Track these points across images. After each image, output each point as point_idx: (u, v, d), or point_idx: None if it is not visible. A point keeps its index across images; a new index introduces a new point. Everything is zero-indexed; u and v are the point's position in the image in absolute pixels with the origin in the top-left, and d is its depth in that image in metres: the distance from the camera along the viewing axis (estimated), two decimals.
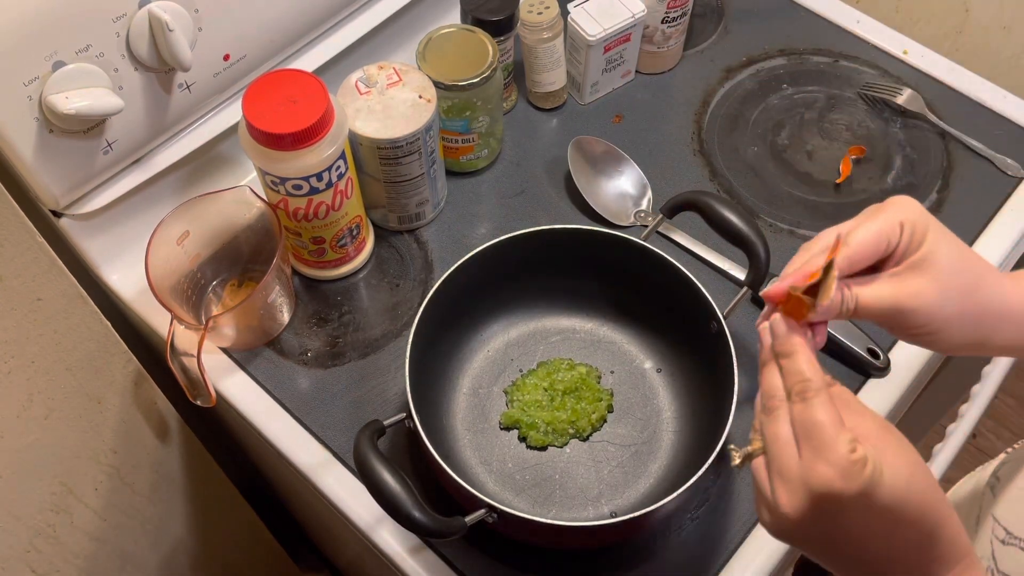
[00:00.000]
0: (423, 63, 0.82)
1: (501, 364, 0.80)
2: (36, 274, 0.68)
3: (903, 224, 0.48)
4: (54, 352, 0.74)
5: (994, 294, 0.50)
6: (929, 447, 0.84)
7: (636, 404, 0.78)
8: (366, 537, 0.74)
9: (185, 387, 0.75)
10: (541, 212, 0.90)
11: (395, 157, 0.79)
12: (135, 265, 0.78)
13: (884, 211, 0.49)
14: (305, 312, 0.84)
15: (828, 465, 0.42)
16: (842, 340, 0.79)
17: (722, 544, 0.72)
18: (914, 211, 0.49)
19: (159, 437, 0.93)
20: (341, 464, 0.76)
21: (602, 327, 0.82)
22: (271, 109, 0.70)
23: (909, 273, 0.48)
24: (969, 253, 0.50)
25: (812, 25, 1.03)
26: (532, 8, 0.89)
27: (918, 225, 0.48)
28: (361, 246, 0.85)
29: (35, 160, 0.69)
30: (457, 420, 0.78)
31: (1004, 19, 1.03)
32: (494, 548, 0.72)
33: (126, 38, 0.68)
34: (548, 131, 0.96)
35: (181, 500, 1.02)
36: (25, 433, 0.75)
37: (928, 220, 0.49)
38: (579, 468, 0.75)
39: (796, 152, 0.94)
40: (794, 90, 0.98)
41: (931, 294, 0.48)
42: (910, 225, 0.48)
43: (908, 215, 0.48)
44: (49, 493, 0.81)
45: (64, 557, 0.87)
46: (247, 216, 0.79)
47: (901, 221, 0.48)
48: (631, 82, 0.99)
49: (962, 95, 0.97)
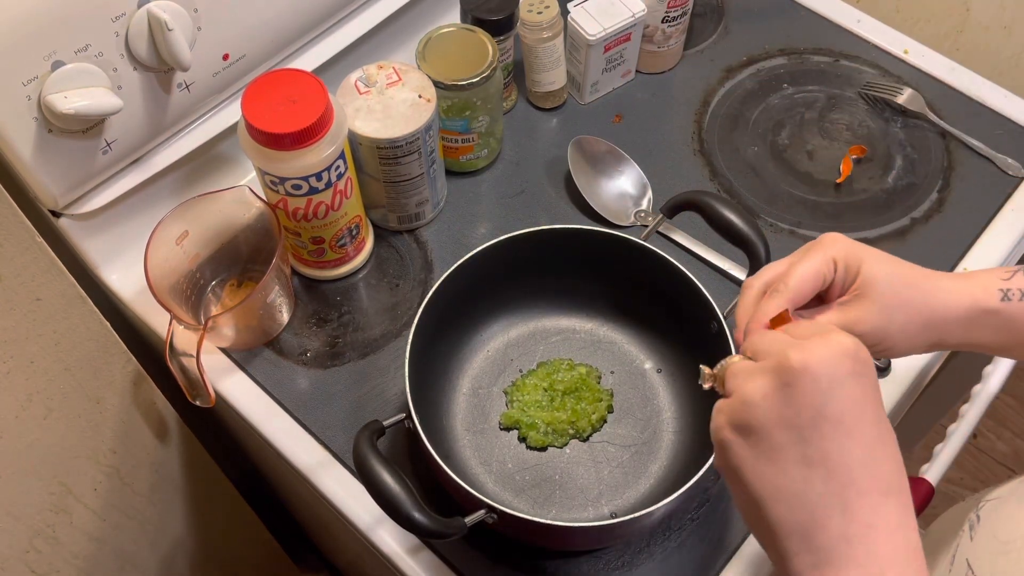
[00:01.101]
0: (423, 63, 0.82)
1: (501, 364, 0.80)
2: (35, 274, 0.68)
3: (835, 261, 0.53)
4: (53, 352, 0.74)
5: (936, 301, 0.54)
6: (929, 447, 0.84)
7: (636, 404, 0.78)
8: (365, 537, 0.74)
9: (184, 387, 0.75)
10: (541, 212, 0.90)
11: (395, 157, 0.79)
12: (134, 265, 0.78)
13: (818, 251, 0.53)
14: (304, 312, 0.84)
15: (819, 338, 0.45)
16: None
17: (722, 544, 0.72)
18: (844, 247, 0.53)
19: (158, 437, 0.93)
20: (341, 464, 0.76)
21: (602, 327, 0.82)
22: (270, 109, 0.69)
23: (854, 302, 0.53)
24: (906, 269, 0.54)
25: (812, 25, 1.03)
26: (532, 8, 0.89)
27: (850, 259, 0.53)
28: (361, 246, 0.85)
29: (34, 160, 0.69)
30: (457, 420, 0.78)
31: (1004, 19, 1.03)
32: (494, 548, 0.72)
33: (125, 38, 0.68)
34: (548, 131, 0.95)
35: (181, 500, 1.02)
36: (24, 433, 0.75)
37: (860, 251, 0.53)
38: (579, 468, 0.75)
39: (796, 152, 0.94)
40: (794, 90, 0.98)
41: (875, 317, 0.53)
42: (843, 261, 0.53)
43: (839, 252, 0.53)
44: (48, 493, 0.81)
45: (63, 557, 0.87)
46: (246, 216, 0.79)
47: (833, 258, 0.53)
48: (631, 82, 0.99)
49: (963, 95, 0.97)
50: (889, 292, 0.53)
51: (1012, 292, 0.53)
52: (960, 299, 0.53)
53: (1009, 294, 0.53)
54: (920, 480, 0.72)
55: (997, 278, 0.54)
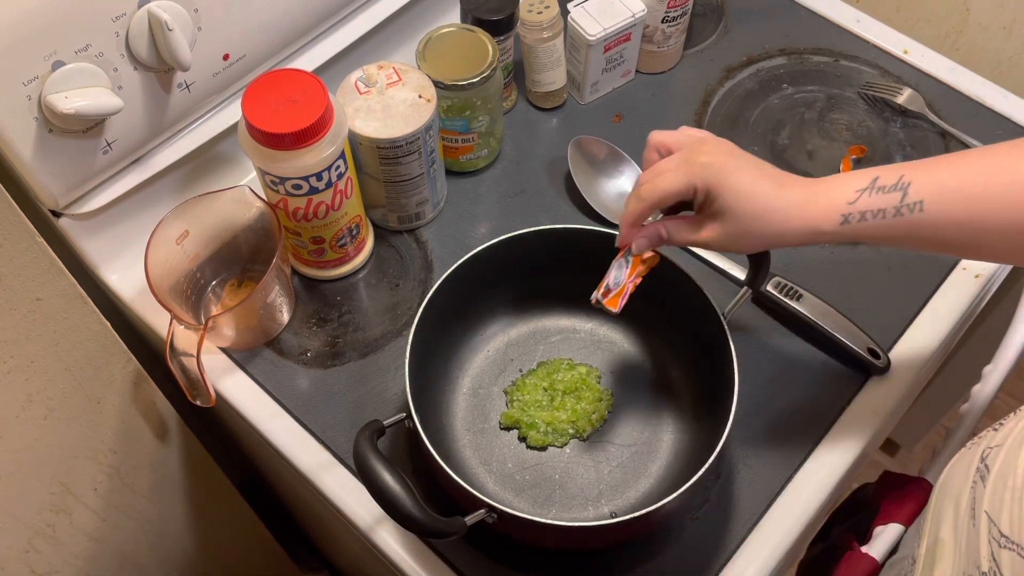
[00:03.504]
0: (423, 63, 0.82)
1: (501, 364, 0.80)
2: (35, 274, 0.68)
3: (697, 188, 0.61)
4: (53, 352, 0.74)
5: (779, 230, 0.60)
6: (930, 447, 0.84)
7: (636, 404, 0.78)
8: (366, 537, 0.74)
9: (184, 387, 0.75)
10: (541, 212, 0.90)
11: (395, 157, 0.79)
12: (134, 265, 0.78)
13: (685, 174, 0.61)
14: (305, 312, 0.84)
15: None
16: (842, 340, 0.79)
17: (722, 544, 0.72)
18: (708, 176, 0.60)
19: (158, 437, 0.93)
20: (341, 464, 0.76)
21: (602, 327, 0.82)
22: (271, 109, 0.69)
23: (707, 222, 0.62)
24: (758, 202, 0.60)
25: (812, 25, 1.03)
26: (532, 8, 0.89)
27: (711, 188, 0.60)
28: (361, 246, 0.85)
29: (34, 160, 0.69)
30: (457, 420, 0.78)
31: (1004, 19, 1.03)
32: (494, 548, 0.72)
33: (125, 38, 0.68)
34: (548, 131, 0.95)
35: (181, 500, 1.02)
36: (24, 433, 0.75)
37: (720, 180, 0.60)
38: (579, 468, 0.75)
39: (796, 152, 0.94)
40: (794, 90, 0.98)
41: (722, 239, 0.62)
42: (703, 188, 0.60)
43: (701, 180, 0.60)
44: (48, 493, 0.81)
45: (63, 557, 0.87)
46: (247, 216, 0.79)
47: (695, 186, 0.61)
48: (631, 82, 0.99)
49: (962, 95, 0.97)
50: (737, 224, 0.60)
51: (852, 216, 0.57)
52: (802, 226, 0.59)
53: (850, 218, 0.58)
54: (920, 480, 0.72)
55: (843, 202, 0.58)
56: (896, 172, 0.57)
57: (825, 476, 0.75)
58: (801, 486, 0.75)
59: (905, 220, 0.56)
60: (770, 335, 0.82)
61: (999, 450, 0.49)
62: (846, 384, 0.80)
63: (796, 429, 0.77)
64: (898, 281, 0.85)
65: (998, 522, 0.45)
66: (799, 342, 0.82)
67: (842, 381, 0.80)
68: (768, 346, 0.81)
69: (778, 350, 0.81)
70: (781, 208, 0.59)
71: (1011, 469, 0.46)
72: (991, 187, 0.55)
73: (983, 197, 0.55)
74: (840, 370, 0.80)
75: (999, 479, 0.47)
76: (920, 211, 0.56)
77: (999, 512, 0.46)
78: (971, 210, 0.55)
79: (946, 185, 0.56)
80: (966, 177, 0.56)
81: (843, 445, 0.77)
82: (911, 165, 0.57)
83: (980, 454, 0.52)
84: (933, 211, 0.56)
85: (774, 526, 0.73)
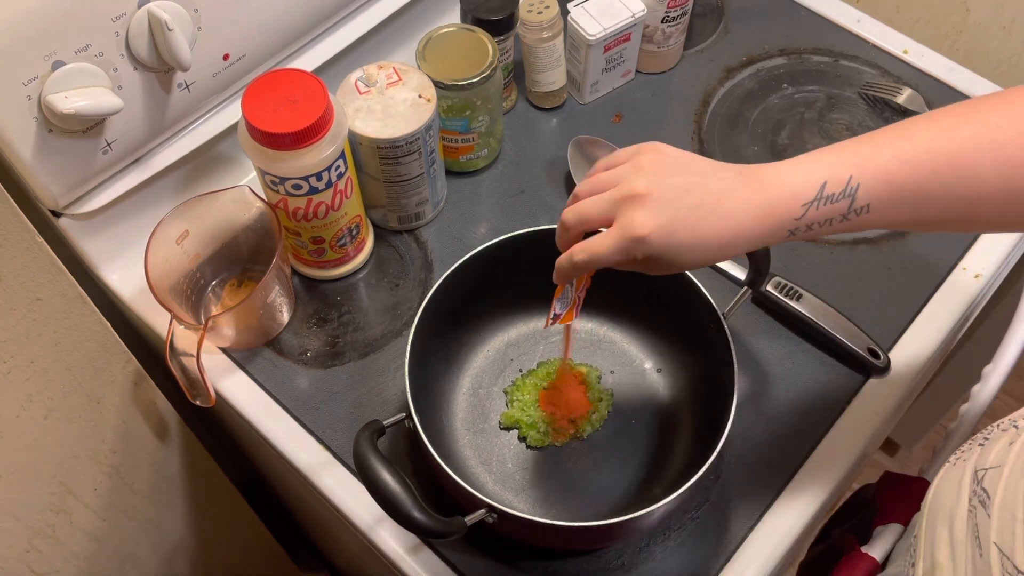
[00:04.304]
0: (423, 63, 0.82)
1: (501, 364, 0.80)
2: (35, 274, 0.68)
3: (636, 260, 0.57)
4: (53, 352, 0.74)
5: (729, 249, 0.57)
6: (930, 447, 0.84)
7: (636, 404, 0.78)
8: (366, 537, 0.74)
9: (184, 387, 0.75)
10: (541, 212, 0.90)
11: (395, 157, 0.79)
12: (134, 265, 0.78)
13: (624, 251, 0.56)
14: (305, 312, 0.84)
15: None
16: (842, 340, 0.79)
17: (722, 544, 0.72)
18: (646, 251, 0.56)
19: (159, 437, 0.93)
20: (341, 464, 0.76)
21: (602, 327, 0.82)
22: (270, 109, 0.70)
23: None
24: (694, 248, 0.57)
25: (812, 25, 1.03)
26: (532, 8, 0.89)
27: (650, 257, 0.56)
28: (361, 246, 0.85)
29: (34, 160, 0.69)
30: (457, 420, 0.78)
31: (1004, 19, 1.03)
32: (494, 548, 0.72)
33: (125, 38, 0.68)
34: (548, 131, 0.95)
35: (181, 500, 1.02)
36: (24, 433, 0.75)
37: (661, 254, 0.56)
38: (579, 468, 0.75)
39: (796, 152, 0.93)
40: (794, 90, 0.98)
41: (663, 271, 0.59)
42: (643, 260, 0.56)
43: (641, 255, 0.56)
44: (48, 493, 0.81)
45: (64, 557, 0.87)
46: (246, 216, 0.79)
47: (635, 258, 0.56)
48: (631, 82, 0.99)
49: (963, 95, 0.97)
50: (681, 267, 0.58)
51: (800, 229, 0.56)
52: (750, 245, 0.57)
53: (797, 231, 0.56)
54: (920, 480, 0.72)
55: (790, 218, 0.56)
56: (846, 170, 0.55)
57: (825, 476, 0.75)
58: (801, 486, 0.75)
59: (851, 223, 0.56)
60: (770, 335, 0.82)
61: (996, 474, 0.48)
62: (846, 384, 0.80)
63: (796, 429, 0.77)
64: (898, 281, 0.85)
65: (1012, 556, 0.45)
66: (799, 342, 0.82)
67: (842, 381, 0.80)
68: (768, 346, 0.81)
69: (778, 350, 0.81)
70: (727, 243, 0.57)
71: (1017, 500, 0.46)
72: (941, 174, 0.54)
73: (931, 194, 0.55)
74: (840, 370, 0.80)
75: (1004, 509, 0.46)
76: (867, 213, 0.55)
77: (1011, 546, 0.45)
78: (916, 212, 0.55)
79: (894, 183, 0.54)
80: (916, 171, 0.54)
81: (843, 445, 0.77)
82: (862, 153, 0.56)
83: (971, 474, 0.51)
84: (879, 212, 0.55)
85: (774, 526, 0.73)
